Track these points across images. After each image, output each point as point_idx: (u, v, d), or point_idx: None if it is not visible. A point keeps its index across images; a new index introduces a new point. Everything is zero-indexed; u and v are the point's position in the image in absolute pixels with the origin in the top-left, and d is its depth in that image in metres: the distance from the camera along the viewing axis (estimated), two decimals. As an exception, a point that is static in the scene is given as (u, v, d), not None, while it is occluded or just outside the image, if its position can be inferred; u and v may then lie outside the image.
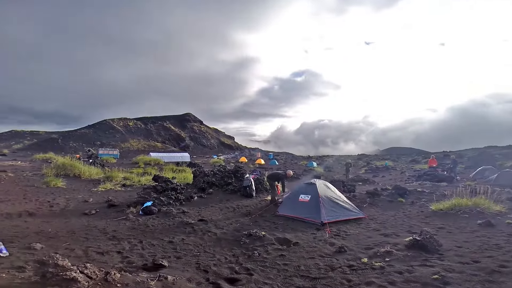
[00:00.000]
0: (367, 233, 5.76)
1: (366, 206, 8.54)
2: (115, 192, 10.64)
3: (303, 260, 4.30)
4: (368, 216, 7.20)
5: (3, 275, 3.08)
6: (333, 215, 6.63)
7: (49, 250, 4.34)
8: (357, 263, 4.09)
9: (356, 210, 7.23)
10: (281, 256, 4.46)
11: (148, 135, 78.57)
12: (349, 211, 7.05)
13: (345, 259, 4.24)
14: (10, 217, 6.33)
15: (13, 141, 59.83)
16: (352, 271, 3.82)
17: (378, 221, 6.84)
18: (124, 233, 5.66)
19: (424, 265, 3.85)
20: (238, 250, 4.78)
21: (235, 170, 11.57)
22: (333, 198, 7.15)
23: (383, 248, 4.53)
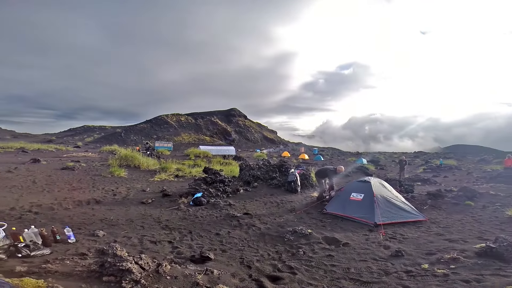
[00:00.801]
0: (428, 237, 5.21)
1: (427, 208, 7.76)
2: (169, 182, 11.38)
3: (354, 262, 4.02)
4: (429, 219, 6.54)
5: (67, 262, 3.40)
6: (388, 216, 6.11)
7: (110, 238, 4.74)
8: (416, 269, 3.70)
9: (416, 212, 6.58)
10: (328, 257, 4.23)
11: (197, 129, 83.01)
12: (407, 212, 6.44)
13: (401, 264, 3.87)
14: (80, 204, 7.12)
15: (85, 135, 68.96)
16: (409, 277, 3.46)
17: (441, 225, 6.16)
18: (176, 223, 5.94)
19: (497, 274, 3.33)
20: (281, 247, 4.68)
21: (280, 164, 11.45)
22: (389, 198, 6.58)
23: (448, 254, 4.04)
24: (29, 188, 8.29)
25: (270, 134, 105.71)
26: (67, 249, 4.00)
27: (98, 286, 2.75)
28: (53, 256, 3.67)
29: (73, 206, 6.82)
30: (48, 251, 3.78)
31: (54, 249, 3.92)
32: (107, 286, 2.76)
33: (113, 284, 2.78)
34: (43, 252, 3.71)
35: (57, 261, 3.39)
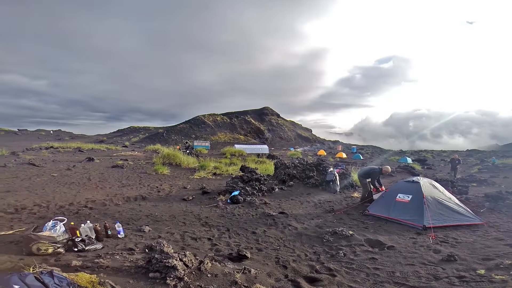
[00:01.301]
0: (485, 242, 4.70)
1: (484, 211, 7.00)
2: (208, 180, 11.75)
3: (399, 266, 3.74)
4: (487, 222, 5.89)
5: (117, 257, 3.59)
6: (439, 219, 5.60)
7: (155, 233, 4.95)
8: (470, 274, 3.36)
9: (471, 215, 5.95)
10: (371, 259, 3.98)
11: (232, 128, 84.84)
12: (461, 215, 5.84)
13: (454, 269, 3.53)
14: (129, 200, 7.64)
15: (131, 135, 74.63)
16: (462, 283, 3.15)
17: (501, 229, 5.51)
18: (215, 220, 6.06)
19: None
20: (320, 248, 4.52)
21: (318, 163, 11.13)
22: (441, 200, 6.00)
23: (509, 260, 3.61)
24: (85, 185, 9.19)
25: (305, 132, 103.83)
26: (117, 244, 4.26)
27: (144, 282, 2.87)
28: (105, 250, 3.93)
29: (122, 202, 7.36)
30: (100, 246, 4.03)
31: (105, 244, 4.20)
32: (153, 283, 2.86)
33: (158, 280, 2.89)
34: (96, 247, 3.95)
35: (108, 256, 3.62)
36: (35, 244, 3.54)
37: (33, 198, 7.04)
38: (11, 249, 3.78)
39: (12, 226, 4.84)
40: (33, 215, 5.74)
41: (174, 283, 2.82)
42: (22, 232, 4.46)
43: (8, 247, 3.85)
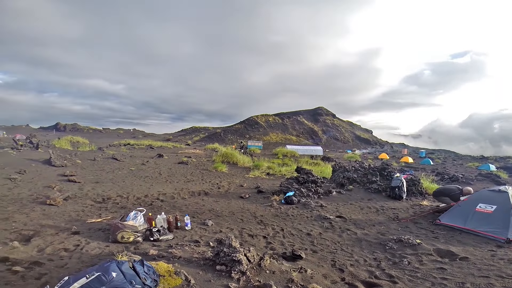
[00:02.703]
0: None
1: None
2: (262, 179, 12.02)
3: (471, 277, 3.33)
4: None
5: (186, 248, 3.88)
6: (528, 233, 4.74)
7: (216, 228, 5.24)
8: None
9: None
10: (439, 269, 3.61)
11: (284, 129, 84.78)
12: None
13: None
14: (193, 195, 8.28)
15: (193, 135, 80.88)
16: None
17: None
18: (269, 219, 6.13)
19: None
20: (381, 255, 4.23)
21: (382, 167, 10.37)
22: (534, 214, 5.04)
23: None
24: (156, 179, 10.34)
25: (364, 134, 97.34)
26: (184, 236, 4.62)
27: (211, 274, 3.06)
28: (175, 241, 4.29)
29: (188, 196, 8.04)
30: (171, 237, 4.38)
31: (175, 235, 4.59)
32: (219, 275, 3.04)
33: (223, 273, 3.06)
34: (168, 237, 4.30)
35: (178, 247, 3.95)
36: (120, 233, 4.01)
37: (116, 189, 8.23)
38: (99, 236, 4.38)
39: (100, 215, 5.67)
40: (116, 205, 6.66)
41: (238, 277, 2.96)
42: (108, 221, 5.21)
43: (97, 234, 4.47)
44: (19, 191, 6.98)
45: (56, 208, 5.80)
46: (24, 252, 3.56)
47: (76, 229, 4.57)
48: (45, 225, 4.71)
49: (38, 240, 3.97)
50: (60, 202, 6.12)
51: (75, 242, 4.01)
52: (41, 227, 4.60)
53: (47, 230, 4.43)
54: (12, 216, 5.03)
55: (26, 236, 4.15)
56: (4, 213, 5.22)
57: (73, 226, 4.74)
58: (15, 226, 4.57)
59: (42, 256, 3.48)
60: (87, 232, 4.52)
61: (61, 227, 4.65)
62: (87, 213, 5.75)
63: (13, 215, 5.13)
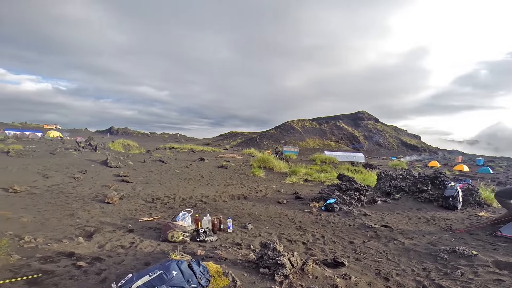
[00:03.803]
0: None
1: None
2: (299, 185, 11.88)
3: None
4: None
5: (230, 250, 3.98)
6: None
7: (255, 231, 5.30)
8: None
9: None
10: (497, 281, 3.29)
11: (322, 134, 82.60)
12: None
13: None
14: (233, 198, 8.50)
15: (231, 139, 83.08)
16: None
17: None
18: (309, 225, 6.04)
19: None
20: (431, 265, 3.96)
21: (434, 176, 9.60)
22: None
23: None
24: (199, 181, 10.84)
25: (411, 139, 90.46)
26: (227, 238, 4.74)
27: (255, 277, 3.12)
28: (218, 243, 4.43)
29: (228, 199, 8.28)
30: (215, 238, 4.53)
31: (218, 237, 4.74)
32: (262, 278, 3.09)
33: (267, 276, 3.11)
34: (212, 239, 4.45)
35: (222, 248, 4.07)
36: (171, 232, 4.25)
37: (163, 190, 8.81)
38: (151, 234, 4.68)
39: (151, 214, 6.10)
40: (164, 205, 7.13)
41: (281, 280, 2.98)
42: (158, 220, 5.59)
43: (149, 232, 4.79)
44: (81, 189, 7.85)
45: (112, 207, 6.41)
46: (87, 248, 3.89)
47: (130, 227, 4.97)
48: (104, 222, 5.21)
49: (98, 237, 4.34)
50: (116, 201, 6.75)
51: (130, 239, 4.32)
52: (100, 224, 5.08)
53: (106, 227, 4.87)
54: (76, 213, 5.66)
55: (89, 232, 4.59)
56: (69, 209, 5.89)
57: (128, 224, 5.18)
58: (79, 222, 5.10)
59: (102, 252, 3.77)
60: (140, 230, 4.88)
61: (118, 225, 5.10)
62: (139, 212, 6.25)
63: (77, 211, 5.76)
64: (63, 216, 5.37)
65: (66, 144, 22.70)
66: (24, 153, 13.16)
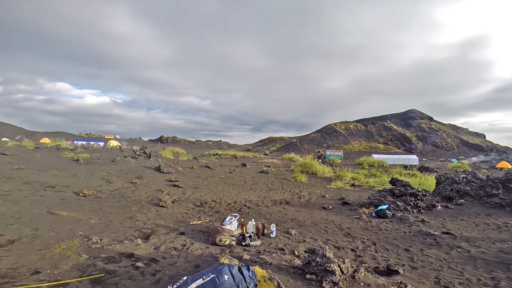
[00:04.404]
0: None
1: None
2: (345, 190, 11.35)
3: None
4: None
5: (274, 255, 3.95)
6: None
7: (299, 237, 5.18)
8: None
9: None
10: None
11: (368, 136, 77.98)
12: None
13: None
14: (275, 203, 8.49)
15: (270, 145, 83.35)
16: None
17: None
18: (358, 232, 5.76)
19: None
20: (502, 274, 3.51)
21: (506, 178, 8.38)
22: None
23: None
24: (242, 186, 11.08)
25: (474, 138, 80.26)
26: (270, 243, 4.72)
27: (301, 283, 3.05)
28: (262, 247, 4.44)
29: (270, 204, 8.30)
30: (259, 243, 4.53)
31: (262, 241, 4.73)
32: (308, 284, 3.01)
33: (314, 282, 3.02)
34: (256, 243, 4.46)
35: (266, 253, 4.07)
36: (219, 236, 4.38)
37: (210, 194, 9.20)
38: (201, 237, 4.88)
39: (200, 217, 6.40)
40: (212, 209, 7.42)
41: (329, 287, 2.89)
42: (207, 223, 5.84)
43: (199, 235, 5.00)
44: (139, 194, 8.60)
45: (166, 210, 6.89)
46: (144, 249, 4.10)
47: (182, 230, 5.27)
48: (159, 224, 5.61)
49: (154, 239, 4.64)
50: (169, 205, 7.24)
51: (182, 242, 4.55)
52: (156, 226, 5.48)
53: (161, 230, 5.23)
54: (135, 215, 6.18)
55: (146, 234, 4.95)
56: (129, 212, 6.46)
57: (180, 227, 5.50)
58: (137, 224, 5.55)
59: (158, 254, 3.95)
60: (191, 233, 5.14)
61: (171, 227, 5.45)
62: (189, 215, 6.61)
63: (136, 214, 6.29)
64: (124, 218, 5.91)
65: (124, 152, 25.10)
66: (91, 161, 14.92)
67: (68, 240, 4.24)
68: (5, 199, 6.05)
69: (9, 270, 3.15)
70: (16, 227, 4.56)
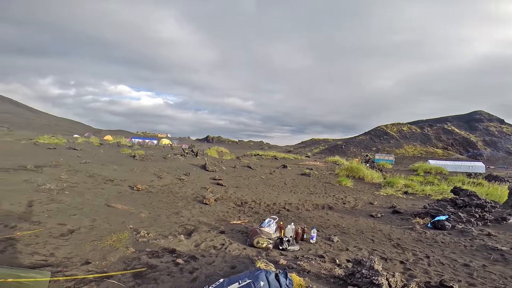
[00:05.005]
0: None
1: None
2: (397, 198, 10.48)
3: None
4: None
5: (312, 262, 3.76)
6: None
7: (342, 245, 4.89)
8: None
9: None
10: None
11: (425, 140, 70.85)
12: None
13: None
14: (317, 207, 8.18)
15: (313, 147, 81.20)
16: None
17: None
18: (409, 243, 5.27)
19: None
20: None
21: None
22: None
23: None
24: (282, 188, 10.95)
25: (560, 144, 67.34)
26: (309, 249, 4.53)
27: None
28: (300, 253, 4.28)
29: (312, 208, 8.03)
30: (297, 248, 4.38)
31: (300, 246, 4.58)
32: None
33: (356, 294, 2.81)
34: (294, 248, 4.32)
35: (304, 259, 3.91)
36: (257, 238, 4.34)
37: (251, 195, 9.27)
38: (239, 237, 4.90)
39: (239, 217, 6.46)
40: (251, 209, 7.46)
41: (374, 301, 2.65)
42: (246, 223, 5.87)
43: (237, 235, 5.02)
44: (185, 190, 9.06)
45: (209, 207, 7.13)
46: (186, 246, 4.18)
47: (222, 228, 5.36)
48: (201, 221, 5.80)
49: (196, 236, 4.76)
50: (212, 202, 7.49)
51: (221, 241, 4.61)
52: (198, 223, 5.66)
53: (203, 227, 5.38)
54: (181, 211, 6.48)
55: (189, 230, 5.13)
56: (175, 208, 6.81)
57: (220, 225, 5.62)
58: (182, 220, 5.78)
59: (197, 251, 4.01)
60: (230, 232, 5.20)
61: (212, 225, 5.60)
62: (230, 214, 6.74)
63: (181, 210, 6.60)
64: (170, 213, 6.25)
65: (174, 150, 26.81)
66: (145, 157, 16.26)
67: (119, 233, 4.53)
68: (72, 190, 6.88)
69: (64, 259, 3.39)
70: (77, 218, 5.02)
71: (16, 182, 6.68)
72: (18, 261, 3.16)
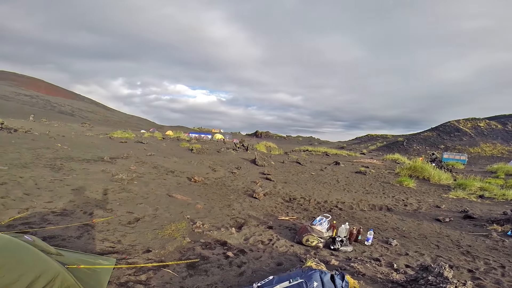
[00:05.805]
0: None
1: None
2: (470, 202, 9.19)
3: None
4: None
5: (367, 265, 3.54)
6: None
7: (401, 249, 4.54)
8: None
9: None
10: None
11: (507, 137, 59.97)
12: None
13: None
14: (373, 208, 7.65)
15: (369, 143, 75.75)
16: None
17: None
18: (482, 251, 4.71)
19: None
20: None
21: None
22: None
23: None
24: (334, 186, 10.51)
25: None
26: (363, 251, 4.29)
27: None
28: (353, 254, 4.08)
29: (367, 209, 7.53)
30: (350, 249, 4.19)
31: (353, 248, 4.37)
32: None
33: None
34: (347, 249, 4.14)
35: (358, 261, 3.72)
36: (306, 235, 4.26)
37: (299, 191, 9.14)
38: (287, 234, 4.86)
39: (288, 213, 6.41)
40: (300, 206, 7.35)
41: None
42: (294, 220, 5.81)
43: (285, 232, 5.00)
44: (236, 183, 9.39)
45: (258, 202, 7.26)
46: (236, 239, 4.26)
47: (271, 223, 5.39)
48: (251, 215, 5.92)
49: (246, 229, 4.86)
50: (261, 197, 7.62)
51: (269, 236, 4.64)
52: (248, 217, 5.78)
53: (252, 221, 5.48)
54: (232, 204, 6.70)
55: (239, 224, 5.27)
56: (228, 200, 7.07)
57: (269, 220, 5.67)
58: (233, 213, 5.96)
59: (246, 245, 4.05)
60: (278, 228, 5.21)
61: (261, 220, 5.68)
62: (278, 209, 6.75)
63: (233, 203, 6.83)
64: (223, 205, 6.53)
65: (226, 144, 28.07)
66: (201, 151, 17.35)
67: (178, 222, 4.85)
68: (139, 180, 7.73)
69: (128, 247, 3.68)
70: (143, 207, 5.54)
71: (95, 172, 7.79)
72: (90, 246, 3.53)
